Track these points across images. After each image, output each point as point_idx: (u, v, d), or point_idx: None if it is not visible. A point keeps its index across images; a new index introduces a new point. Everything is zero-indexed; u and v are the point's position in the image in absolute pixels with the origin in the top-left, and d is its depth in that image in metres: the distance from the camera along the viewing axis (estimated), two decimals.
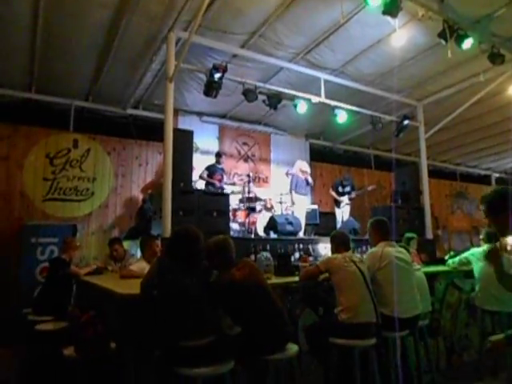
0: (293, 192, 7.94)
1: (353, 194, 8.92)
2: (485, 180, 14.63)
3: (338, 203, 9.02)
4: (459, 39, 5.76)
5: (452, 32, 5.68)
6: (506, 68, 6.79)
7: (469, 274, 4.87)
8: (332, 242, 3.78)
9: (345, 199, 8.89)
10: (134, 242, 6.31)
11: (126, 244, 6.17)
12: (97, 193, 7.95)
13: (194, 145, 7.10)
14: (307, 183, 8.03)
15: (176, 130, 6.21)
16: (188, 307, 2.61)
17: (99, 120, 8.22)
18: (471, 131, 10.26)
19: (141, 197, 8.20)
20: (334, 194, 9.07)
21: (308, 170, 8.08)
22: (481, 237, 4.85)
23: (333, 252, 3.74)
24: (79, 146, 7.92)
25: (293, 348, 2.92)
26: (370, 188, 9.26)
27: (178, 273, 2.67)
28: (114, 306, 3.01)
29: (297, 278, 3.79)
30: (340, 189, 8.98)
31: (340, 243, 3.68)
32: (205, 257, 2.93)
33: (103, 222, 7.91)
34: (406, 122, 8.29)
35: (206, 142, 9.07)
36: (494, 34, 6.23)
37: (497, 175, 14.76)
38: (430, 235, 8.43)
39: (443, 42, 5.72)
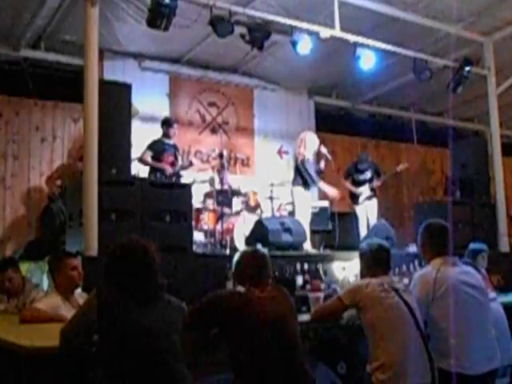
0: (296, 185, 7.91)
1: (377, 182, 8.98)
2: None
3: (354, 198, 9.09)
4: None
5: None
6: None
7: None
8: (362, 258, 3.78)
9: (365, 190, 8.96)
10: (36, 263, 6.27)
11: (23, 268, 6.11)
12: None
13: (132, 107, 7.07)
14: (319, 172, 7.97)
15: (103, 83, 6.20)
16: (154, 362, 2.67)
17: None
18: None
19: (46, 191, 8.16)
20: (348, 184, 9.11)
21: (325, 149, 8.02)
22: None
23: (363, 275, 3.75)
24: None
25: None
26: (399, 168, 9.36)
27: (133, 311, 2.73)
28: (13, 370, 3.01)
29: (305, 317, 3.83)
30: (357, 176, 9.06)
31: (375, 261, 3.69)
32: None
33: None
34: (467, 68, 8.40)
35: (150, 101, 9.03)
36: None
37: None
38: (505, 246, 8.61)
39: None
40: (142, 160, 7.77)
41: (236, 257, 3.48)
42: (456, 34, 8.41)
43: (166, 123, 8.13)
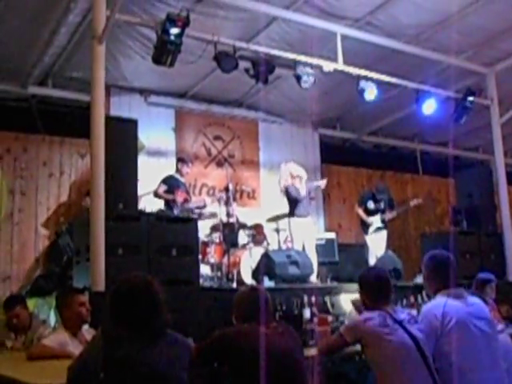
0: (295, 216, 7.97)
1: (389, 215, 8.99)
2: None
3: (365, 227, 9.09)
4: None
5: None
6: None
7: None
8: (362, 288, 3.74)
9: (375, 220, 8.96)
10: (44, 299, 6.30)
11: (30, 304, 6.11)
12: None
13: (138, 142, 7.12)
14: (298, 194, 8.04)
15: (110, 119, 6.23)
16: None
17: None
18: None
19: (53, 227, 8.16)
20: (360, 212, 9.13)
21: (300, 172, 8.12)
22: None
23: (365, 305, 3.69)
24: None
25: None
26: (413, 203, 9.36)
27: (139, 348, 2.70)
28: None
29: (312, 351, 3.80)
30: (371, 205, 9.06)
31: (376, 291, 3.64)
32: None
33: None
34: (469, 98, 8.45)
35: (156, 135, 9.13)
36: None
37: None
38: None
39: None
40: (156, 194, 7.87)
41: (234, 297, 3.45)
42: (458, 66, 8.52)
43: (182, 161, 8.30)
